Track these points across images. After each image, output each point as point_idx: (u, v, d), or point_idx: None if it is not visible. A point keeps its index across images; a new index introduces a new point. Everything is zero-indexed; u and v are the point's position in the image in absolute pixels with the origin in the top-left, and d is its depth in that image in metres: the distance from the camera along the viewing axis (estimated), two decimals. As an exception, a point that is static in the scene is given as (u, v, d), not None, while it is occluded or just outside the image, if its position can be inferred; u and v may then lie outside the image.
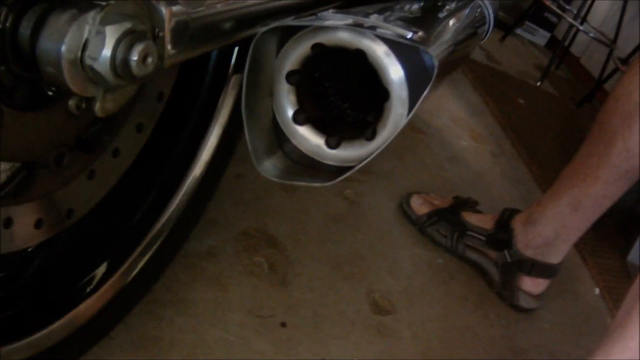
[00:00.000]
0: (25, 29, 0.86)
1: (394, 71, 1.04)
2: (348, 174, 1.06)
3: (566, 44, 5.40)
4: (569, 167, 2.27)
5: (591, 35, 5.15)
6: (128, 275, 1.39)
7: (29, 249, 1.22)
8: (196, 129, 1.43)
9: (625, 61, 4.67)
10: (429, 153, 3.06)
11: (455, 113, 3.69)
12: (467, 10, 1.65)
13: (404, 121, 1.06)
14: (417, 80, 1.06)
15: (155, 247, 1.43)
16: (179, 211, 1.44)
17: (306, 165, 1.16)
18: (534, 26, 6.25)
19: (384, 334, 1.93)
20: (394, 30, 1.05)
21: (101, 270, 1.34)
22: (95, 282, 1.32)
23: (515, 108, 4.25)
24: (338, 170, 1.12)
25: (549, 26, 6.26)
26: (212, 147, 1.44)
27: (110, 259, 1.36)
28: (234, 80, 1.40)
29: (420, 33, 1.08)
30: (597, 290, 2.73)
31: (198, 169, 1.44)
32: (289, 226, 2.12)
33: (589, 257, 2.86)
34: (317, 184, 1.11)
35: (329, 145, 1.13)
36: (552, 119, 4.50)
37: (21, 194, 1.06)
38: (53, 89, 0.95)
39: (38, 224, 1.13)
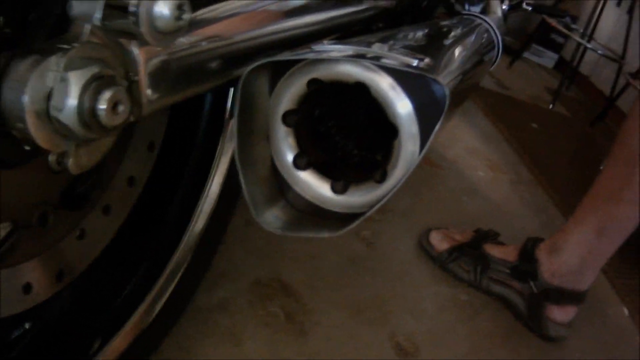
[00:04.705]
0: (-11, 79, 0.77)
1: (402, 105, 0.95)
2: (358, 221, 0.97)
3: (575, 63, 5.36)
4: (591, 192, 2.23)
5: (599, 52, 5.13)
6: (131, 336, 1.32)
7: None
8: (195, 179, 1.36)
9: (635, 76, 4.63)
10: (445, 187, 3.01)
11: (469, 143, 3.63)
12: (473, 36, 1.59)
13: (416, 159, 0.96)
14: (427, 113, 0.97)
15: (158, 305, 1.36)
16: (182, 267, 1.37)
17: (312, 214, 1.07)
18: (541, 48, 6.27)
19: (410, 379, 1.85)
20: (398, 59, 0.96)
21: (100, 333, 1.27)
22: (95, 347, 1.25)
23: (529, 133, 4.22)
24: (347, 217, 1.03)
25: (556, 47, 6.28)
26: (214, 197, 1.36)
27: (110, 321, 1.30)
28: (232, 124, 1.31)
29: (427, 60, 0.98)
30: (626, 312, 2.67)
31: (200, 221, 1.37)
32: (305, 272, 2.05)
33: (614, 279, 2.81)
34: (325, 235, 1.01)
35: (335, 190, 1.03)
36: (567, 141, 4.46)
37: (5, 257, 0.98)
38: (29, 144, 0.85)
39: (27, 289, 1.06)
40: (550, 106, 4.96)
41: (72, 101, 0.74)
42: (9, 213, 0.95)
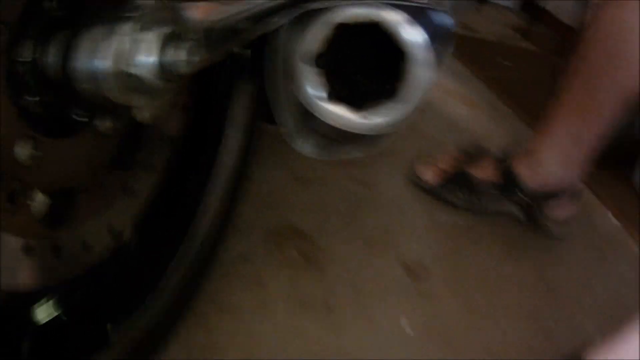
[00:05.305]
0: (53, 55, 0.87)
1: (411, 34, 1.07)
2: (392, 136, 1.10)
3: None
4: (561, 104, 2.30)
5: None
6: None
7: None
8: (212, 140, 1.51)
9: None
10: (428, 125, 3.09)
11: (445, 85, 3.71)
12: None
13: (429, 80, 1.09)
14: (433, 40, 1.10)
15: (196, 248, 1.49)
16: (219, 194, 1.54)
17: (344, 138, 1.19)
18: (506, -9, 6.25)
19: (426, 296, 1.98)
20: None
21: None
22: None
23: (503, 71, 4.27)
24: (370, 139, 1.16)
25: (520, -12, 6.25)
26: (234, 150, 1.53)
27: (157, 269, 1.40)
28: (238, 86, 1.46)
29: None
30: (611, 216, 2.83)
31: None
32: (312, 217, 2.15)
33: (596, 186, 2.93)
34: (360, 154, 1.14)
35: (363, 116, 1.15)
36: (541, 75, 4.50)
37: (64, 221, 1.07)
38: (82, 113, 0.97)
39: (86, 249, 1.14)
40: (519, 43, 5.00)
41: (152, 58, 0.87)
42: (69, 178, 1.05)
